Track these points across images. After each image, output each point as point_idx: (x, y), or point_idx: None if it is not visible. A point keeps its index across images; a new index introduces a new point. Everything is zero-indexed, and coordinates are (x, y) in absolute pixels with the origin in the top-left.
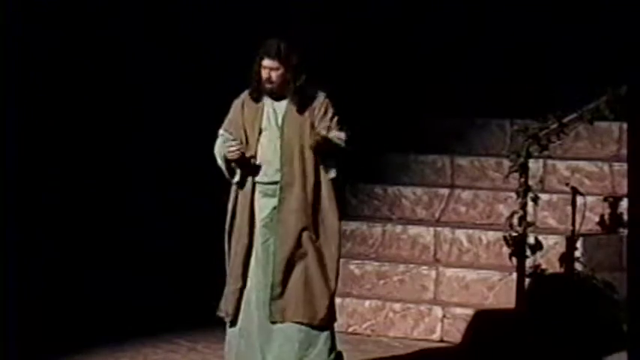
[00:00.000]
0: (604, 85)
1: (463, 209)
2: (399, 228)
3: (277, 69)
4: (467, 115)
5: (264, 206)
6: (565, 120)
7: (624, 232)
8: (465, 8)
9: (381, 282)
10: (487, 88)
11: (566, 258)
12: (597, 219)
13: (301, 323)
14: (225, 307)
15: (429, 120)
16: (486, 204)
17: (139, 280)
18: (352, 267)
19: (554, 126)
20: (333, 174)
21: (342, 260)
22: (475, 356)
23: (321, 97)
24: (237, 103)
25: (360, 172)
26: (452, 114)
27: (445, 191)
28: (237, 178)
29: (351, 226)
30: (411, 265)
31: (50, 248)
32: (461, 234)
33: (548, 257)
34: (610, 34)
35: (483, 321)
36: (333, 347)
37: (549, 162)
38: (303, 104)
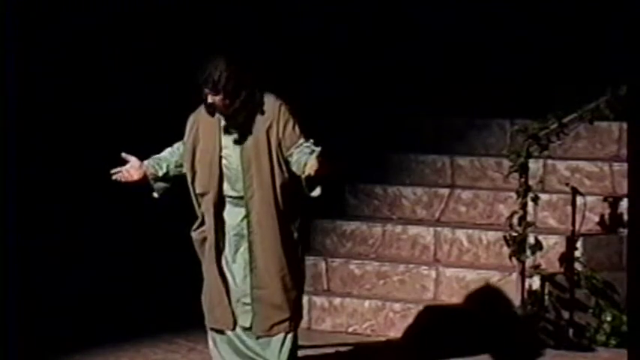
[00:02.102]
0: (604, 85)
1: (463, 209)
2: (399, 228)
3: (216, 95)
4: (467, 115)
5: (234, 215)
6: (565, 120)
7: (624, 232)
8: (465, 8)
9: (381, 282)
10: (487, 88)
11: (566, 258)
12: (597, 219)
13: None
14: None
15: (429, 120)
16: (486, 204)
17: (139, 281)
18: (352, 267)
19: (554, 126)
20: (318, 192)
21: (342, 260)
22: (475, 356)
23: (275, 105)
24: (192, 119)
25: (360, 172)
26: (452, 114)
27: (445, 191)
28: (155, 194)
29: (351, 226)
30: (411, 265)
31: (50, 248)
32: (461, 234)
33: (548, 257)
34: (610, 34)
35: (483, 321)
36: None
37: (549, 162)
38: (253, 116)
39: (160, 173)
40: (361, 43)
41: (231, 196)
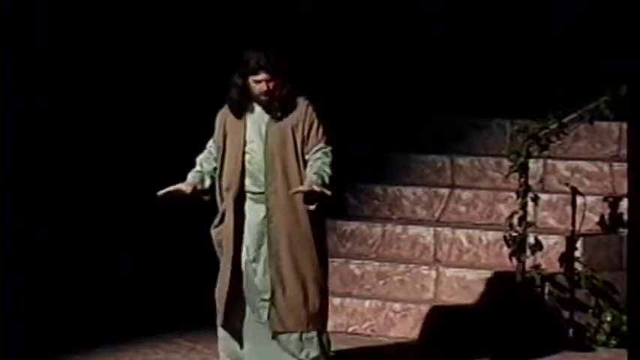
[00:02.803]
0: (604, 85)
1: (463, 209)
2: (399, 228)
3: (271, 80)
4: (467, 115)
5: (255, 213)
6: (565, 120)
7: (624, 232)
8: (465, 8)
9: (381, 282)
10: (487, 88)
11: (566, 258)
12: (597, 219)
13: (300, 331)
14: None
15: (429, 120)
16: (486, 204)
17: (139, 280)
18: (352, 267)
19: (554, 126)
20: (312, 207)
21: (342, 260)
22: (475, 356)
23: (303, 105)
24: (221, 114)
25: (360, 172)
26: (452, 114)
27: (445, 191)
28: (206, 197)
29: (351, 226)
30: (411, 265)
31: (50, 248)
32: (461, 234)
33: (548, 257)
34: (610, 34)
35: (483, 321)
36: (328, 350)
37: (549, 162)
38: (284, 113)
39: (207, 185)
40: (361, 43)
41: (252, 192)
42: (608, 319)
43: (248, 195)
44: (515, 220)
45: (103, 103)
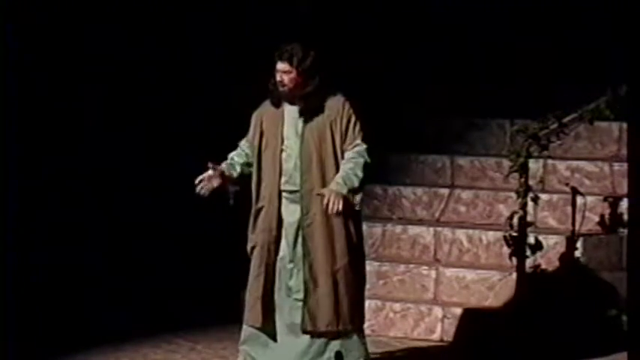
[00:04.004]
0: (604, 85)
1: (463, 209)
2: (399, 228)
3: (289, 72)
4: (467, 115)
5: (290, 213)
6: (565, 120)
7: (624, 232)
8: (465, 8)
9: (381, 282)
10: (487, 88)
11: (566, 258)
12: (597, 219)
13: (332, 332)
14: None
15: (429, 120)
16: (486, 204)
17: (139, 280)
18: None
19: (554, 126)
20: (357, 199)
21: None
22: (475, 356)
23: (340, 101)
24: (256, 115)
25: None
26: (452, 114)
27: (445, 191)
28: (231, 201)
29: None
30: (411, 265)
31: (50, 247)
32: (461, 234)
33: (548, 257)
34: (610, 34)
35: (483, 321)
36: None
37: (549, 162)
38: (320, 109)
39: (235, 175)
40: (360, 42)
41: (288, 191)
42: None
43: (284, 194)
44: (515, 220)
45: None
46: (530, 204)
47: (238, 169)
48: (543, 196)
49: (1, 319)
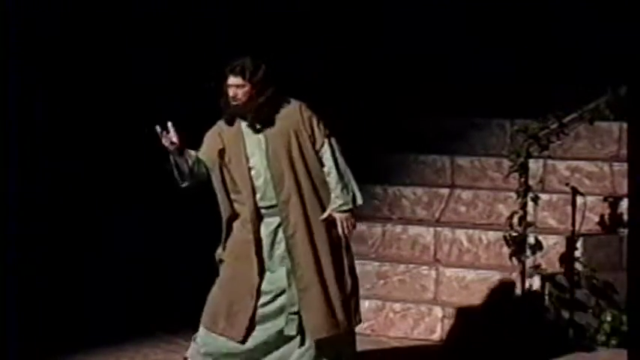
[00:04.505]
0: (604, 85)
1: (463, 209)
2: (399, 228)
3: (242, 86)
4: (467, 115)
5: (268, 226)
6: (565, 120)
7: (624, 232)
8: (464, 8)
9: (381, 282)
10: (487, 88)
11: (566, 258)
12: (597, 219)
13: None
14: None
15: (429, 120)
16: (486, 204)
17: (139, 280)
18: None
19: (554, 126)
20: (359, 200)
21: None
22: (475, 356)
23: (296, 107)
24: (213, 132)
25: (360, 172)
26: (452, 114)
27: (445, 191)
28: (185, 183)
29: None
30: (411, 265)
31: (49, 247)
32: (461, 234)
33: (548, 257)
34: (610, 34)
35: (483, 321)
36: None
37: (549, 162)
38: (278, 119)
39: (191, 161)
40: (361, 42)
41: (263, 207)
42: (608, 319)
43: (261, 210)
44: (515, 220)
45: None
46: (530, 204)
47: (194, 156)
48: (543, 196)
49: (1, 319)
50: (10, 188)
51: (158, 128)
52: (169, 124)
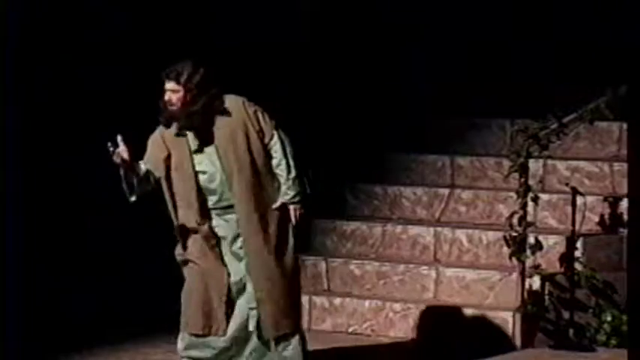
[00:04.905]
0: (604, 85)
1: (463, 209)
2: (399, 228)
3: (177, 91)
4: (467, 115)
5: (223, 226)
6: (565, 120)
7: (624, 232)
8: (465, 8)
9: (381, 282)
10: (487, 88)
11: (566, 258)
12: (597, 219)
13: (285, 334)
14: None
15: (429, 120)
16: (486, 204)
17: (139, 280)
18: (352, 267)
19: (554, 126)
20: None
21: (342, 260)
22: (475, 356)
23: (239, 103)
24: (156, 137)
25: (360, 172)
26: (452, 114)
27: (445, 191)
28: (133, 197)
29: (351, 226)
30: (411, 265)
31: (49, 247)
32: (461, 234)
33: (548, 257)
34: (610, 34)
35: (483, 321)
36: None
37: (549, 162)
38: (215, 121)
39: (141, 173)
40: (360, 43)
41: (220, 207)
42: (608, 319)
43: (216, 212)
44: (515, 220)
45: None
46: (530, 204)
47: (143, 169)
48: (543, 196)
49: (1, 319)
50: (9, 187)
51: (109, 144)
52: (119, 137)
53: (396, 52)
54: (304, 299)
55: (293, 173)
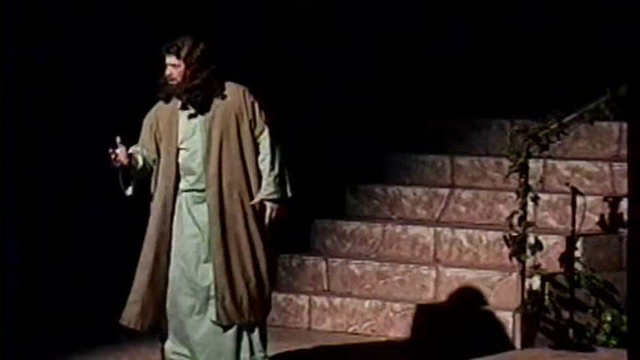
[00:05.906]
0: (604, 85)
1: (463, 209)
2: (399, 228)
3: (177, 66)
4: (467, 115)
5: (194, 211)
6: (565, 120)
7: (624, 232)
8: (464, 9)
9: (381, 282)
10: (487, 88)
11: (566, 258)
12: (597, 219)
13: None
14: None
15: (429, 120)
16: (486, 204)
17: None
18: (352, 267)
19: (554, 126)
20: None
21: (342, 260)
22: (475, 356)
23: (239, 91)
24: (150, 117)
25: (360, 172)
26: (452, 114)
27: (445, 191)
28: (129, 191)
29: (351, 226)
30: (411, 265)
31: (49, 247)
32: (461, 234)
33: (548, 257)
34: (610, 34)
35: (483, 321)
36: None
37: (549, 162)
38: (212, 103)
39: (139, 167)
40: (361, 44)
41: (196, 190)
42: (608, 319)
43: (191, 194)
44: (515, 220)
45: None
46: (530, 204)
47: (140, 161)
48: (543, 196)
49: (1, 319)
50: (9, 187)
51: (110, 150)
52: (117, 139)
53: (396, 52)
54: (304, 299)
55: (276, 171)
